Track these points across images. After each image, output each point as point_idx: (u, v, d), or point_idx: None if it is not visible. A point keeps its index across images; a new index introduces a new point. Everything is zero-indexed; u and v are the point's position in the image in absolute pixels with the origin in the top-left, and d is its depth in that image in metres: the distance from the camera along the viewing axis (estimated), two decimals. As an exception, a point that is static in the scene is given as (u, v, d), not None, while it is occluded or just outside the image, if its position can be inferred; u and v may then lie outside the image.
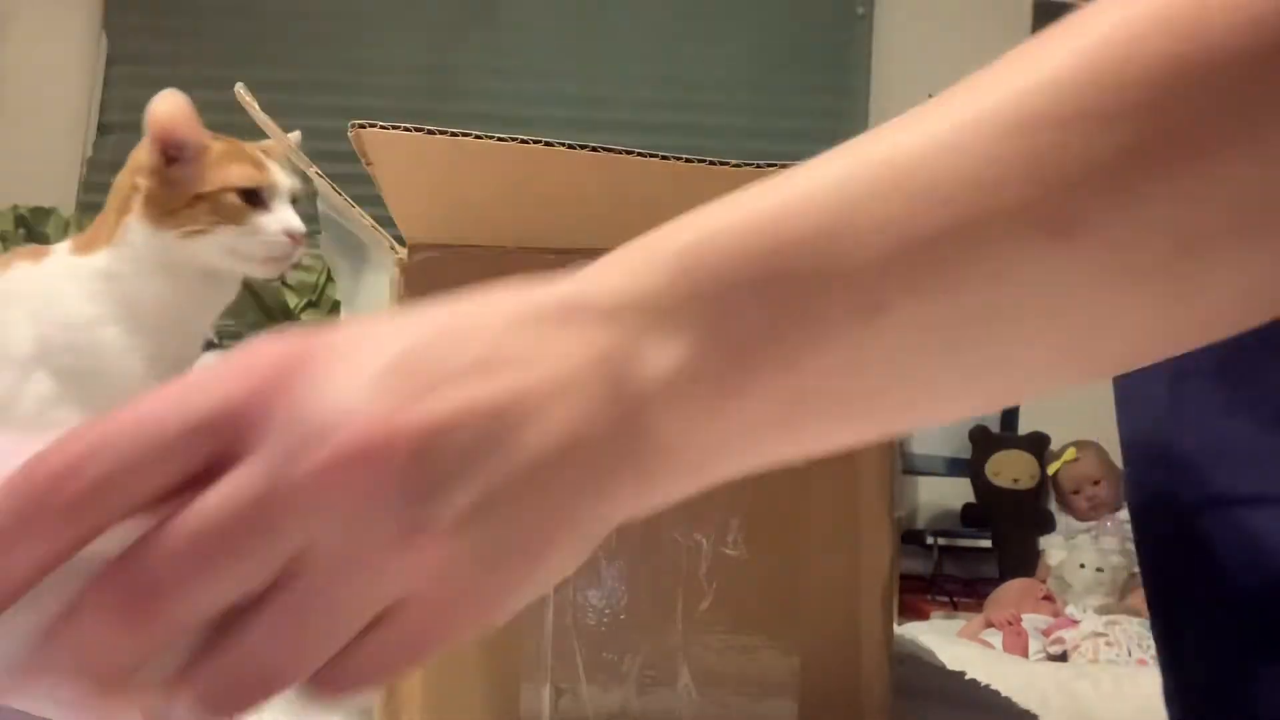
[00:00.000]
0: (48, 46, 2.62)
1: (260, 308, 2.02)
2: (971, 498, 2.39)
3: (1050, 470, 2.32)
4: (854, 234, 0.25)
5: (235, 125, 0.81)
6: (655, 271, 0.26)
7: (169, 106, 0.88)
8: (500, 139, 0.39)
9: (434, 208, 0.45)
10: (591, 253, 0.45)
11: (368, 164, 0.41)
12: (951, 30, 2.44)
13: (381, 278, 0.47)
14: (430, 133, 0.39)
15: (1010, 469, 2.31)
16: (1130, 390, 0.55)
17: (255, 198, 0.90)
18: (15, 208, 2.04)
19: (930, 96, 0.27)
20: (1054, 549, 2.17)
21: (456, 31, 2.64)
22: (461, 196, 0.44)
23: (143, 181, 0.89)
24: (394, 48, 2.62)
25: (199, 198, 0.89)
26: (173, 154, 0.89)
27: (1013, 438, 2.37)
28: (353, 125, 0.39)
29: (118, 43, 2.62)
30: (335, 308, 2.20)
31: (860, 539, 0.45)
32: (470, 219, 0.45)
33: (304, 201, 0.93)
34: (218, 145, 0.91)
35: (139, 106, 0.88)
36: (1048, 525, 2.29)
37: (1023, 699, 0.76)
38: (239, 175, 0.89)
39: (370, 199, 0.47)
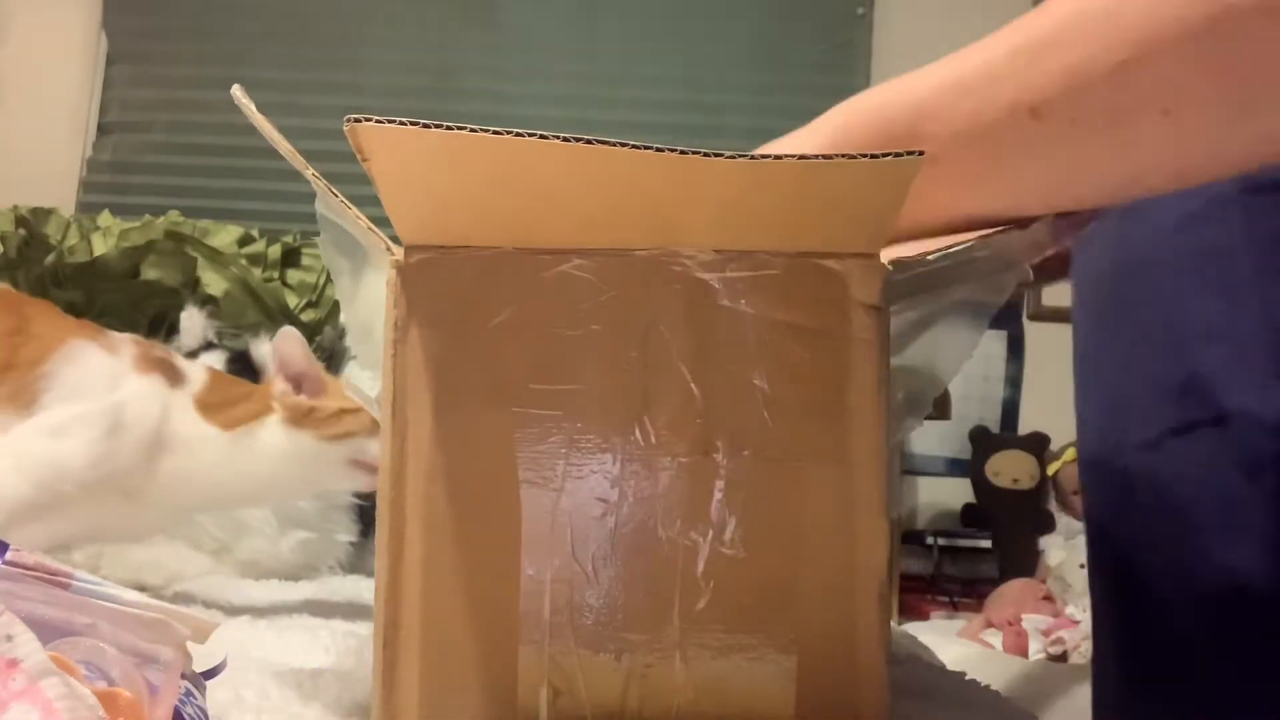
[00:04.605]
0: (48, 46, 2.62)
1: (260, 308, 2.01)
2: (971, 498, 2.39)
3: (1050, 470, 2.32)
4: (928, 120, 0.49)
5: (235, 125, 0.81)
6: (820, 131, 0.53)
7: None
8: (495, 132, 0.38)
9: (430, 206, 0.44)
10: (588, 252, 0.45)
11: (364, 160, 0.41)
12: (951, 30, 2.43)
13: (381, 278, 0.46)
14: (426, 126, 0.38)
15: (1010, 469, 2.31)
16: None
17: None
18: (15, 208, 2.03)
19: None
20: (1054, 549, 2.17)
21: (456, 31, 2.64)
22: (458, 194, 0.43)
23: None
24: (394, 48, 2.62)
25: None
26: None
27: (1013, 438, 2.37)
28: (348, 119, 0.38)
29: (118, 43, 2.62)
30: (335, 308, 2.19)
31: (856, 537, 0.45)
32: (466, 217, 0.44)
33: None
34: None
35: (139, 106, 0.86)
36: (1048, 525, 2.29)
37: (1023, 699, 0.76)
38: None
39: (370, 200, 0.47)
